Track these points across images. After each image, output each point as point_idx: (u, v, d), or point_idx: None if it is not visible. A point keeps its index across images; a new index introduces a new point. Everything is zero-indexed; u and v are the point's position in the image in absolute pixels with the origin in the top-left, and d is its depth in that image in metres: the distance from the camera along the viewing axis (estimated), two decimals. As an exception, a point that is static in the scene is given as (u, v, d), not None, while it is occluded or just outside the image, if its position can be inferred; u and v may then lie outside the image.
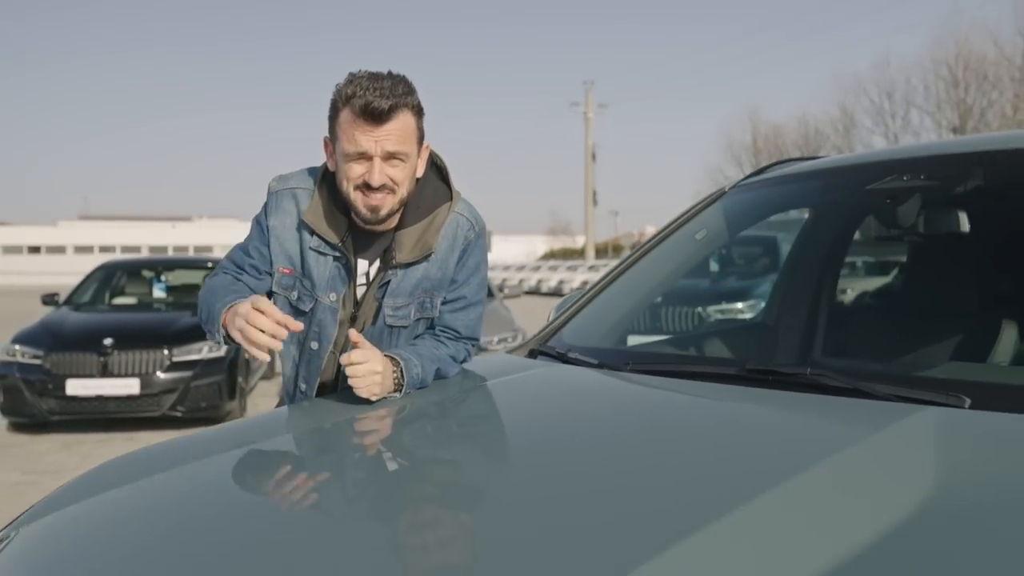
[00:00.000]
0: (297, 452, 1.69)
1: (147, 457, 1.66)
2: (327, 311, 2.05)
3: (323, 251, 2.03)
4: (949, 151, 2.18)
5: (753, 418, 1.48)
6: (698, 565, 0.88)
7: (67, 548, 1.29)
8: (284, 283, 2.06)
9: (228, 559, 1.10)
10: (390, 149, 1.88)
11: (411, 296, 2.05)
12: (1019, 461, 1.14)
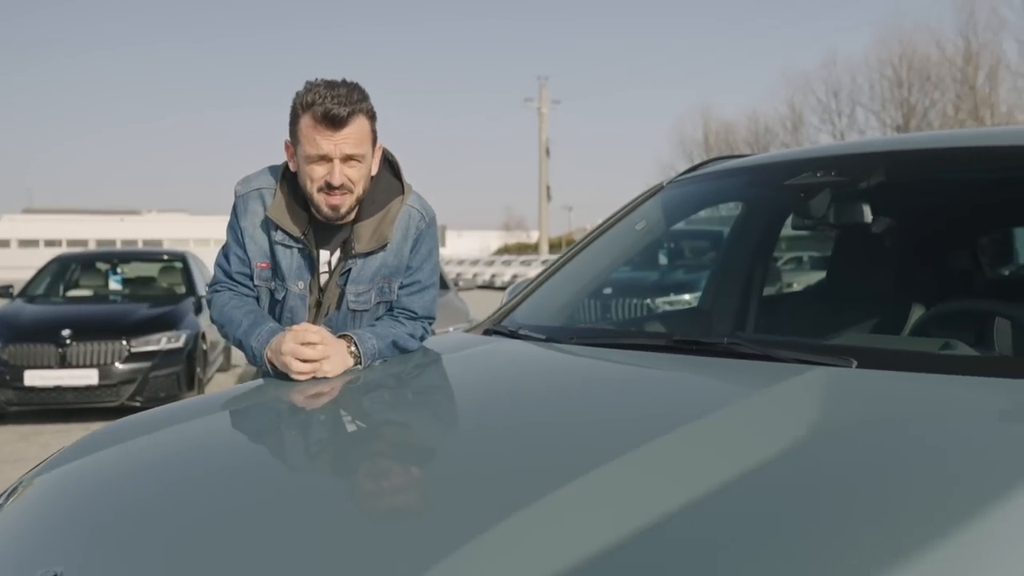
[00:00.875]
0: (275, 415, 1.89)
1: (147, 419, 1.84)
2: (296, 298, 2.27)
3: (288, 244, 2.24)
4: (857, 151, 2.45)
5: (674, 377, 1.72)
6: (612, 488, 1.11)
7: (76, 496, 1.47)
8: (263, 276, 2.28)
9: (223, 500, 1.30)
10: (348, 152, 2.08)
11: (371, 283, 2.26)
12: (887, 404, 1.39)
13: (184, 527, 1.20)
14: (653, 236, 2.90)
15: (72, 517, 1.34)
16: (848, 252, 2.69)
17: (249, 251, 2.27)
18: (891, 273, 2.48)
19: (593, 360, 1.94)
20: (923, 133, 2.66)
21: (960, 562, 0.88)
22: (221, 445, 1.65)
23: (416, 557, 0.95)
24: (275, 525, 1.14)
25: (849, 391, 1.46)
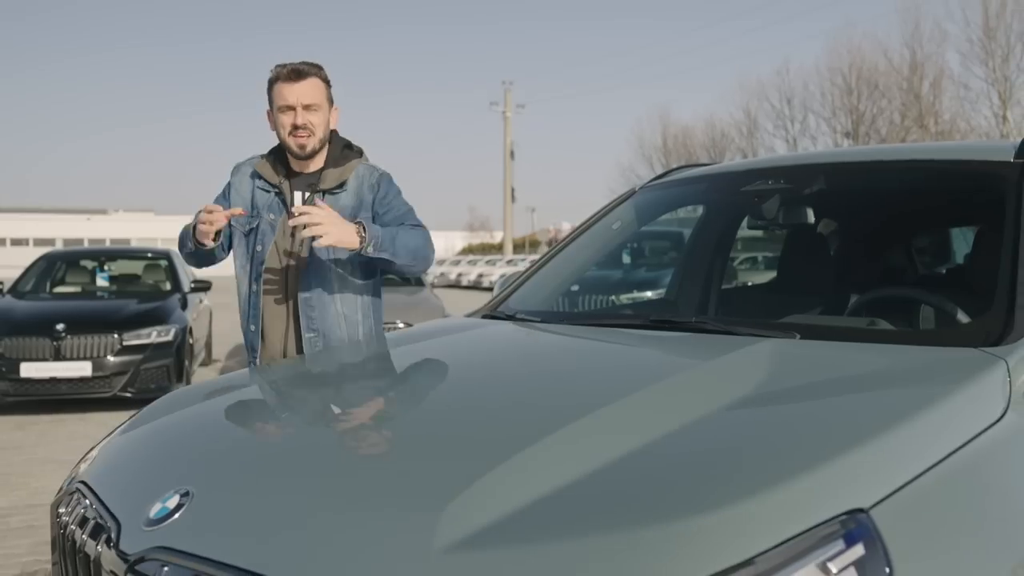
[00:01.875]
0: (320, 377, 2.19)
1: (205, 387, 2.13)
2: (267, 225, 2.81)
3: (266, 189, 2.84)
4: (803, 162, 2.81)
5: (655, 345, 2.06)
6: (613, 423, 1.43)
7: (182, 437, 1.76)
8: (240, 220, 2.82)
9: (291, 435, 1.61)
10: (306, 101, 2.70)
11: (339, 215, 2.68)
12: (818, 361, 1.73)
13: (268, 455, 1.51)
14: (627, 234, 3.22)
15: (182, 452, 1.63)
16: (796, 250, 3.04)
17: (232, 200, 2.85)
18: (832, 268, 2.84)
19: (585, 335, 2.27)
20: (860, 148, 3.02)
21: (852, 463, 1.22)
22: (275, 399, 1.96)
23: (463, 473, 1.26)
24: (342, 456, 1.46)
25: (792, 354, 1.80)
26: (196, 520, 1.31)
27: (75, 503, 1.59)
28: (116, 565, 1.32)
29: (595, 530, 1.09)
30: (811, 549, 1.07)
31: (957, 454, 1.33)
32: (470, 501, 1.16)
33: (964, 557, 1.20)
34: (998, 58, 34.48)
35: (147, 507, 1.38)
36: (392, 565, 1.10)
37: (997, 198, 2.14)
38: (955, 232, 3.24)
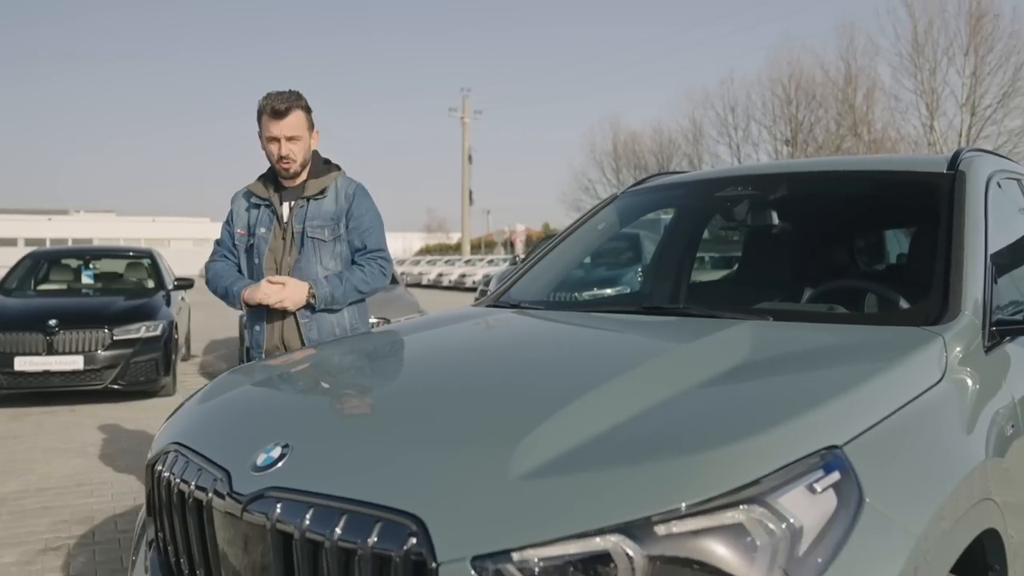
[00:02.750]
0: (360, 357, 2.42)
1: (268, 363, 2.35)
2: (261, 239, 3.20)
3: (257, 203, 3.24)
4: (767, 171, 3.10)
5: (650, 328, 2.33)
6: (633, 385, 1.68)
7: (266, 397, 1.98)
8: (241, 239, 3.26)
9: (363, 393, 1.84)
10: (288, 134, 3.08)
11: (322, 220, 3.15)
12: (789, 338, 2.01)
13: (350, 411, 1.75)
14: (610, 234, 3.49)
15: (272, 413, 1.86)
16: (757, 248, 3.34)
17: (234, 224, 3.26)
18: (789, 263, 3.14)
19: (587, 320, 2.54)
20: (817, 159, 3.32)
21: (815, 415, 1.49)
22: (340, 368, 2.21)
23: (524, 421, 1.51)
24: (415, 409, 1.70)
25: (769, 332, 2.08)
26: (299, 465, 1.53)
27: (174, 461, 1.80)
28: (231, 506, 1.54)
29: (636, 461, 1.35)
30: (801, 474, 1.34)
31: (907, 407, 1.62)
32: (534, 442, 1.41)
33: (912, 480, 1.48)
34: (926, 71, 35.59)
35: (252, 458, 1.60)
36: (477, 490, 1.34)
37: (933, 203, 2.45)
38: (892, 233, 3.58)
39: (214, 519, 1.60)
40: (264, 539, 1.48)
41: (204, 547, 1.65)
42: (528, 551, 1.25)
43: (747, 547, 1.25)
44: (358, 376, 2.20)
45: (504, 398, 1.71)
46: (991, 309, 2.11)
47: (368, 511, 1.36)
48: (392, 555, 1.30)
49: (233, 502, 1.54)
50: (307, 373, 2.23)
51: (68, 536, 4.12)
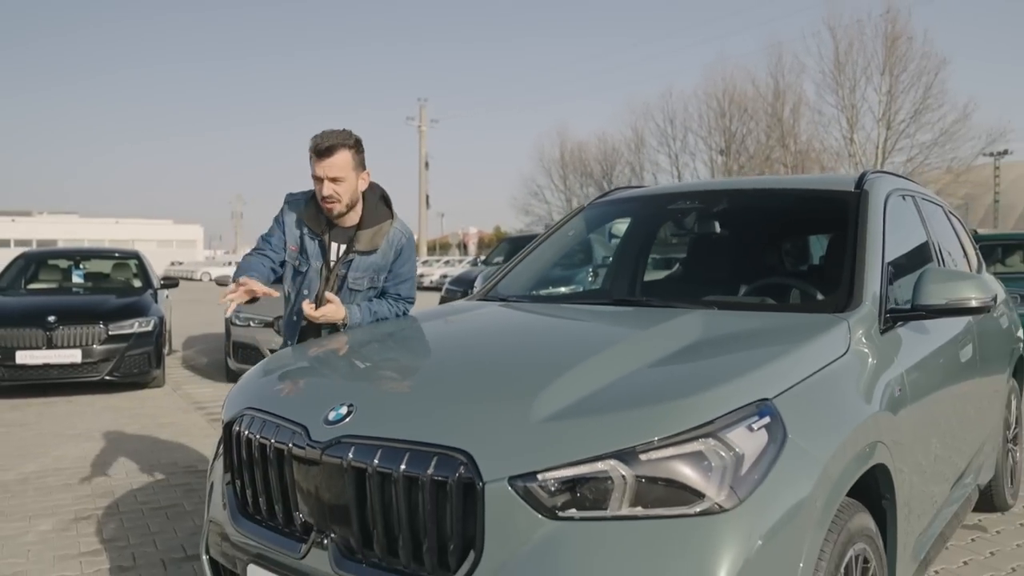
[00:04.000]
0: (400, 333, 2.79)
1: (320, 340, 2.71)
2: (314, 272, 3.12)
3: (311, 236, 3.11)
4: (711, 188, 3.54)
5: (619, 315, 2.73)
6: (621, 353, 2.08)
7: (325, 365, 2.32)
8: (292, 255, 3.14)
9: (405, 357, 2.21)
10: (332, 175, 2.94)
11: (364, 272, 3.11)
12: (731, 323, 2.43)
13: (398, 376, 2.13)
14: (579, 239, 3.88)
15: (332, 379, 2.21)
16: (698, 251, 3.76)
17: (286, 236, 3.14)
18: (728, 262, 3.57)
19: (567, 310, 2.94)
20: (751, 178, 3.78)
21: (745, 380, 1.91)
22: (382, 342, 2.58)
23: (539, 381, 1.89)
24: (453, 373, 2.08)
25: (715, 318, 2.50)
26: (364, 418, 1.90)
27: (251, 422, 2.14)
28: (311, 453, 1.90)
29: (624, 407, 1.75)
30: (743, 417, 1.75)
31: (819, 371, 2.05)
32: (547, 396, 1.81)
33: (822, 424, 1.91)
34: (847, 89, 36.89)
35: (323, 415, 1.95)
36: (508, 431, 1.73)
37: (843, 216, 2.90)
38: (812, 238, 4.05)
39: (292, 465, 1.96)
40: (339, 476, 1.84)
41: (282, 487, 2.00)
42: (548, 472, 1.64)
43: (705, 468, 1.66)
44: (397, 349, 2.57)
45: (518, 365, 2.11)
46: (886, 300, 2.56)
47: (426, 449, 1.74)
48: (447, 480, 1.68)
49: (312, 449, 1.90)
50: (354, 348, 2.58)
51: (94, 508, 4.37)
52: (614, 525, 1.63)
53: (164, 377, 8.50)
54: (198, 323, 15.96)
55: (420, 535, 1.73)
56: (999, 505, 4.09)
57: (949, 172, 34.88)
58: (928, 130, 35.34)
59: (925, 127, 35.37)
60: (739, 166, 43.12)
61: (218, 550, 2.26)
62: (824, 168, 37.88)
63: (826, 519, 1.81)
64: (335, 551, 1.86)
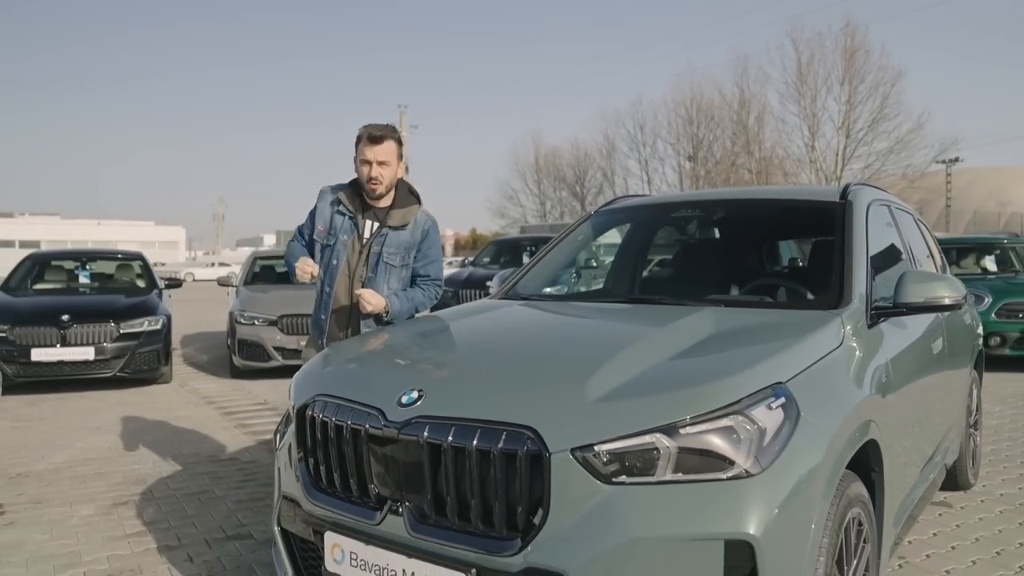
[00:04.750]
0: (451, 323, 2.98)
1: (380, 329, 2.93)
2: (341, 245, 3.39)
3: (343, 213, 3.41)
4: (710, 197, 3.80)
5: (636, 312, 2.97)
6: (650, 345, 2.31)
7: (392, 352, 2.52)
8: (320, 235, 3.44)
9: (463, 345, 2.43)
10: (380, 159, 3.28)
11: (397, 248, 3.38)
12: (737, 318, 2.67)
13: (460, 362, 2.35)
14: (586, 244, 4.12)
15: (401, 366, 2.41)
16: (703, 254, 4.00)
17: (316, 219, 3.44)
18: (727, 265, 3.83)
19: (592, 307, 3.17)
20: (747, 188, 4.05)
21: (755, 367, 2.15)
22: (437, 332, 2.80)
23: (587, 367, 2.12)
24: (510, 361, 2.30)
25: (725, 314, 2.74)
26: (436, 401, 2.11)
27: (324, 407, 2.34)
28: (388, 432, 2.10)
29: (665, 389, 1.99)
30: (763, 398, 1.99)
31: (820, 360, 2.29)
32: (600, 377, 2.04)
33: (826, 404, 2.15)
34: (808, 98, 37.61)
35: (395, 398, 2.16)
36: (567, 410, 1.95)
37: (830, 223, 3.16)
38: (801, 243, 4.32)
39: (368, 443, 2.16)
40: (415, 451, 2.05)
41: (357, 463, 2.21)
42: (604, 444, 1.87)
43: (734, 440, 1.90)
44: (448, 341, 2.78)
45: (565, 354, 2.35)
46: (871, 298, 2.82)
47: (496, 427, 1.95)
48: (517, 452, 1.90)
49: (389, 429, 2.11)
50: (408, 340, 2.79)
51: (129, 494, 4.52)
52: (659, 489, 1.86)
53: (171, 374, 8.60)
54: (192, 322, 15.98)
55: (491, 501, 1.95)
56: (962, 484, 4.40)
57: (904, 178, 35.72)
58: (885, 138, 36.23)
59: (882, 135, 36.26)
60: (706, 171, 43.72)
61: (291, 522, 2.46)
62: (787, 174, 38.58)
63: (831, 486, 2.06)
64: (410, 517, 2.07)
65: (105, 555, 3.57)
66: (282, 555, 2.51)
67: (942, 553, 3.53)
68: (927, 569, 3.35)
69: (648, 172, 48.39)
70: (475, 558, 1.95)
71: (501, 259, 12.78)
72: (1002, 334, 8.69)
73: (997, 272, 10.30)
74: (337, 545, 2.23)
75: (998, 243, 11.14)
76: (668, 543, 1.82)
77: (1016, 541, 3.68)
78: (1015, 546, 3.62)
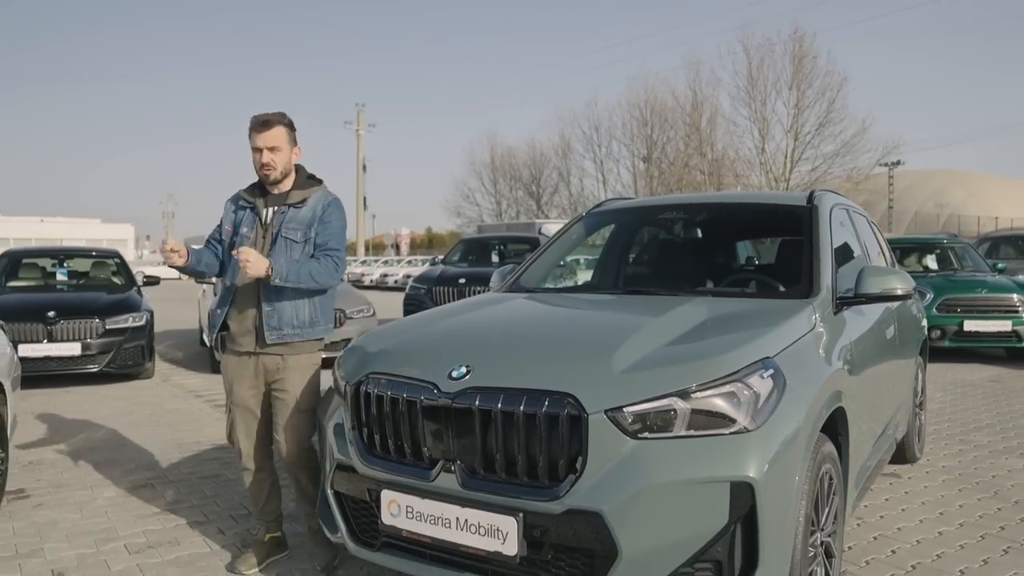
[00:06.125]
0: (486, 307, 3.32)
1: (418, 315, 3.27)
2: (243, 237, 3.36)
3: (244, 207, 3.41)
4: (692, 201, 4.25)
5: (637, 301, 3.38)
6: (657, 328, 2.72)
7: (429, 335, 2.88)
8: (227, 234, 3.43)
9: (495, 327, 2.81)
10: (269, 145, 3.25)
11: (297, 224, 3.30)
12: (724, 307, 3.10)
13: (500, 341, 2.70)
14: (579, 243, 4.52)
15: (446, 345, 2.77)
16: (688, 251, 4.43)
17: (223, 224, 3.43)
18: (709, 261, 4.27)
19: (598, 298, 3.58)
20: (725, 192, 4.50)
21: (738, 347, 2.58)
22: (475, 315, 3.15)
23: (609, 344, 2.52)
24: (543, 339, 2.68)
25: (715, 302, 3.17)
26: (483, 375, 2.48)
27: (377, 382, 2.69)
28: (442, 402, 2.47)
29: (677, 362, 2.40)
30: (757, 369, 2.42)
31: (798, 340, 2.73)
32: (622, 353, 2.44)
33: (806, 376, 2.59)
34: (758, 102, 38.76)
35: (446, 373, 2.53)
36: (598, 379, 2.35)
37: (799, 224, 3.62)
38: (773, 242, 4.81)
39: (422, 412, 2.53)
40: (467, 417, 2.43)
41: (411, 430, 2.57)
42: (630, 407, 2.28)
43: (736, 403, 2.32)
44: (483, 324, 3.13)
45: (587, 335, 2.76)
46: (836, 290, 3.28)
47: (539, 395, 2.34)
48: (559, 414, 2.30)
49: (443, 399, 2.48)
50: (447, 324, 3.12)
51: (145, 479, 4.78)
52: (676, 442, 2.27)
53: (154, 369, 8.77)
54: (166, 321, 15.94)
55: (536, 456, 2.33)
56: (909, 457, 4.93)
57: (849, 180, 37.10)
58: (831, 142, 37.59)
59: (828, 139, 37.61)
60: (660, 172, 44.66)
61: (344, 484, 2.80)
62: (738, 175, 39.71)
63: (811, 443, 2.49)
64: (462, 474, 2.45)
65: (140, 530, 3.86)
66: (335, 514, 2.85)
67: (893, 515, 4.03)
68: (881, 527, 3.84)
69: (603, 172, 49.26)
70: (522, 504, 2.34)
71: (469, 257, 13.11)
72: (942, 327, 9.38)
73: (937, 270, 11.04)
74: (394, 501, 2.59)
75: (939, 243, 11.91)
76: (684, 485, 2.23)
77: (956, 504, 4.21)
78: (955, 508, 4.14)
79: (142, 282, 9.54)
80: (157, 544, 3.66)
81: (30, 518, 4.05)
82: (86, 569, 3.37)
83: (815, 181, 36.93)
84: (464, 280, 10.92)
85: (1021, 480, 4.64)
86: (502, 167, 57.64)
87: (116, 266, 9.87)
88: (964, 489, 4.47)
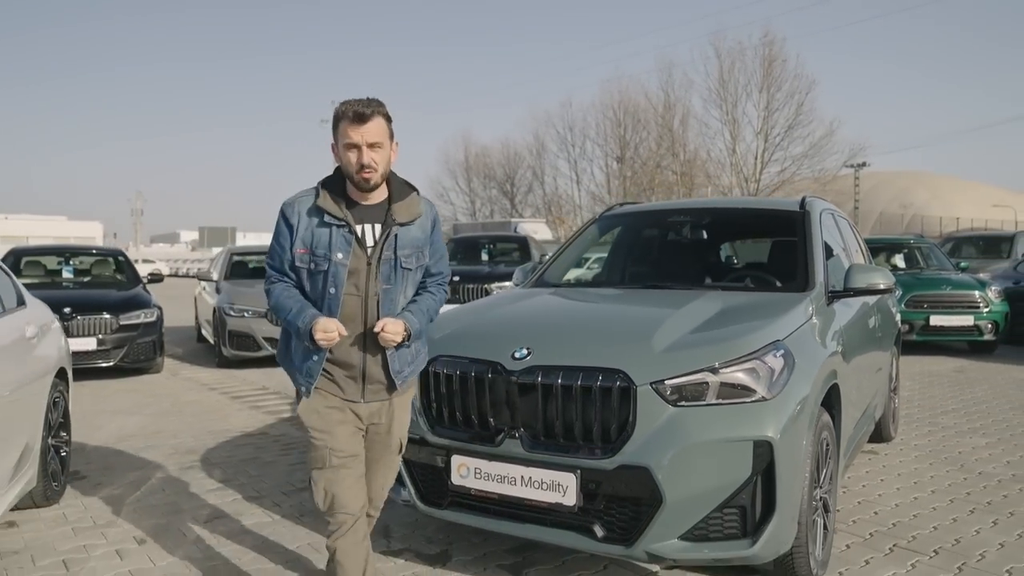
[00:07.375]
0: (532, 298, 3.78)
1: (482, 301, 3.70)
2: (337, 266, 2.58)
3: (330, 224, 2.59)
4: (698, 206, 4.75)
5: (660, 294, 3.86)
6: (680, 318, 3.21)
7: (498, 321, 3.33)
8: (302, 259, 2.61)
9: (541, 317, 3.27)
10: (370, 140, 2.52)
11: (412, 248, 2.67)
12: (733, 299, 3.59)
13: (551, 329, 3.16)
14: (594, 243, 5.00)
15: (506, 331, 3.21)
16: (694, 250, 4.92)
17: (294, 243, 2.61)
18: (710, 260, 4.78)
19: (622, 291, 4.06)
20: (726, 198, 5.02)
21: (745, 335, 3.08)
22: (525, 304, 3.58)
23: (648, 328, 3.00)
24: (590, 326, 3.15)
25: (726, 295, 3.66)
26: (543, 354, 2.94)
27: (446, 363, 3.14)
28: (508, 379, 2.93)
29: (706, 344, 2.88)
30: (771, 350, 2.91)
31: (800, 327, 3.23)
32: (659, 336, 2.92)
33: (810, 356, 3.09)
34: (729, 104, 39.67)
35: (509, 354, 2.99)
36: (642, 358, 2.82)
37: (793, 227, 4.13)
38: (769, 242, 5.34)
39: (489, 388, 2.98)
40: (530, 391, 2.89)
41: (479, 404, 3.02)
42: (670, 380, 2.76)
43: (756, 377, 2.81)
44: (531, 313, 3.59)
45: (625, 323, 3.24)
46: (827, 284, 3.80)
47: (594, 371, 2.81)
48: (612, 386, 2.77)
49: (509, 376, 2.94)
50: (501, 312, 3.57)
51: (189, 462, 5.15)
52: (707, 409, 2.76)
53: (163, 364, 9.08)
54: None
55: (590, 422, 2.80)
56: (885, 437, 5.50)
57: (816, 182, 38.14)
58: (799, 143, 38.62)
59: (797, 141, 38.64)
60: (632, 172, 45.40)
61: (413, 454, 3.25)
62: (709, 176, 40.58)
63: (814, 413, 2.99)
64: (525, 440, 2.91)
65: (200, 504, 4.25)
66: (404, 479, 3.29)
67: (874, 484, 4.58)
68: (864, 495, 4.38)
69: (577, 172, 49.85)
70: (579, 462, 2.80)
71: (458, 255, 13.53)
72: (910, 322, 10.03)
73: (905, 269, 11.71)
74: (463, 464, 3.04)
75: (906, 243, 12.61)
76: (715, 444, 2.71)
77: (928, 475, 4.77)
78: (927, 478, 4.70)
79: (146, 279, 9.81)
80: (223, 515, 4.06)
81: (94, 495, 4.42)
82: (165, 537, 3.77)
83: (784, 182, 37.93)
84: (458, 278, 11.34)
85: (984, 456, 5.22)
86: (476, 166, 57.96)
87: (120, 264, 10.14)
88: (934, 463, 5.04)
